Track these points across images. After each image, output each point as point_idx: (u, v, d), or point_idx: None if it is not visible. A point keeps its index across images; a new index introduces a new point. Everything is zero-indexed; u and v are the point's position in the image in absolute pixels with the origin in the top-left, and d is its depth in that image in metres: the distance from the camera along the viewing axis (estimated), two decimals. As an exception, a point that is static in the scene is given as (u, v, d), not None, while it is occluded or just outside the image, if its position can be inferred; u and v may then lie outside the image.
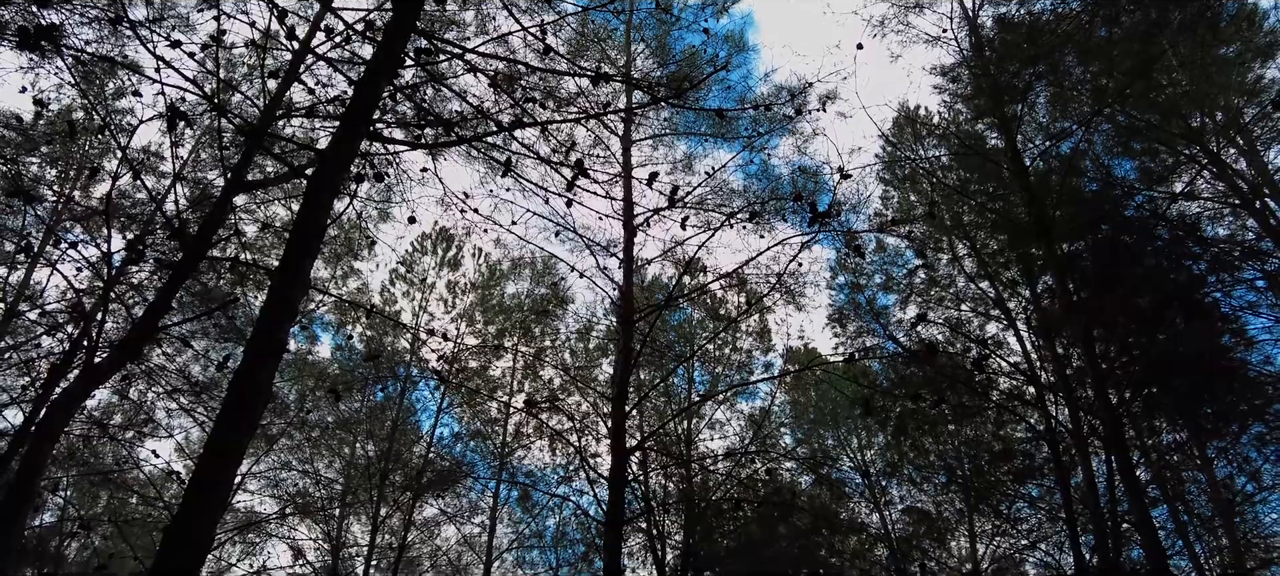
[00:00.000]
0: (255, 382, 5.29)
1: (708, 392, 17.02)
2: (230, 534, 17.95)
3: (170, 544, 4.88)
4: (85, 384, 9.31)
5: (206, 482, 5.04)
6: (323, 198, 6.21)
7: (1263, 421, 14.24)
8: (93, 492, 20.05)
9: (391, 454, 16.40)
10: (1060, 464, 13.45)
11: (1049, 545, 15.55)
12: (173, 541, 4.86)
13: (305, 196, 6.16)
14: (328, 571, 18.23)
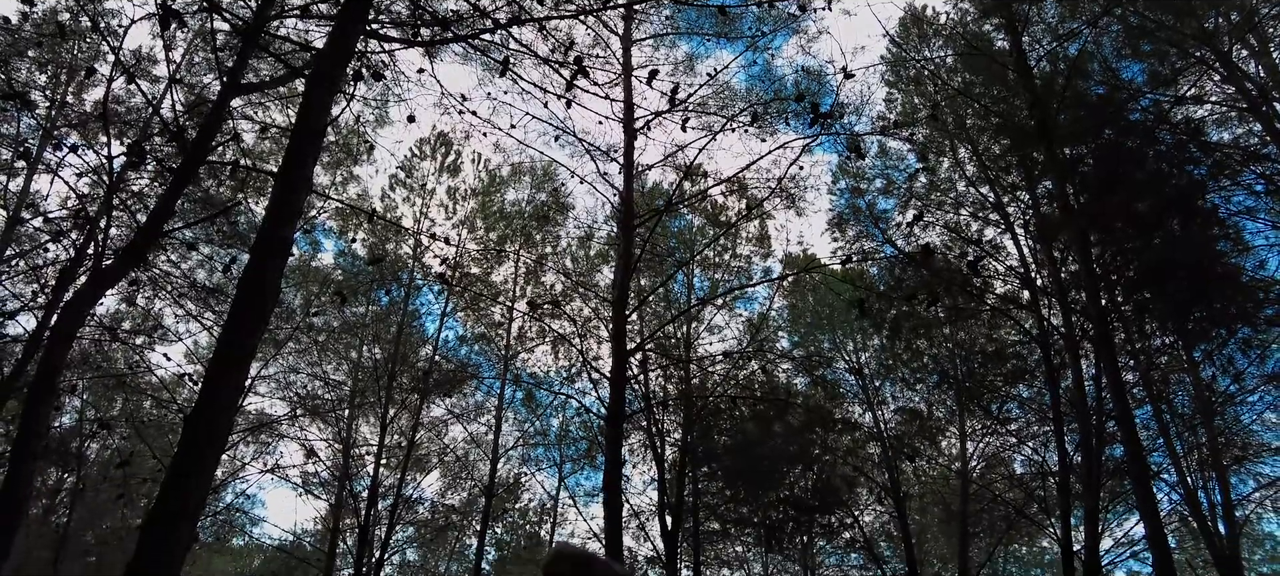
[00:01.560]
0: (263, 280, 5.44)
1: (707, 297, 17.26)
2: (242, 434, 18.55)
3: (191, 431, 5.13)
4: (94, 287, 9.47)
5: (222, 374, 5.26)
6: (321, 97, 6.22)
7: (1251, 326, 14.51)
8: (108, 396, 20.57)
9: (398, 356, 16.77)
10: (1051, 366, 13.79)
11: (1036, 444, 16.09)
12: (194, 429, 5.11)
13: (304, 96, 6.17)
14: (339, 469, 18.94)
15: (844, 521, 17.72)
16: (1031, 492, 16.30)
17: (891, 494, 17.48)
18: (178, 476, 4.99)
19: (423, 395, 16.88)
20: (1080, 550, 12.81)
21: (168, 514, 4.86)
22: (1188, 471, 17.09)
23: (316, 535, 24.78)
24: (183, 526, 4.92)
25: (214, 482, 6.54)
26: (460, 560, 25.98)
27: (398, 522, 17.69)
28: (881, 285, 14.97)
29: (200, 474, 5.02)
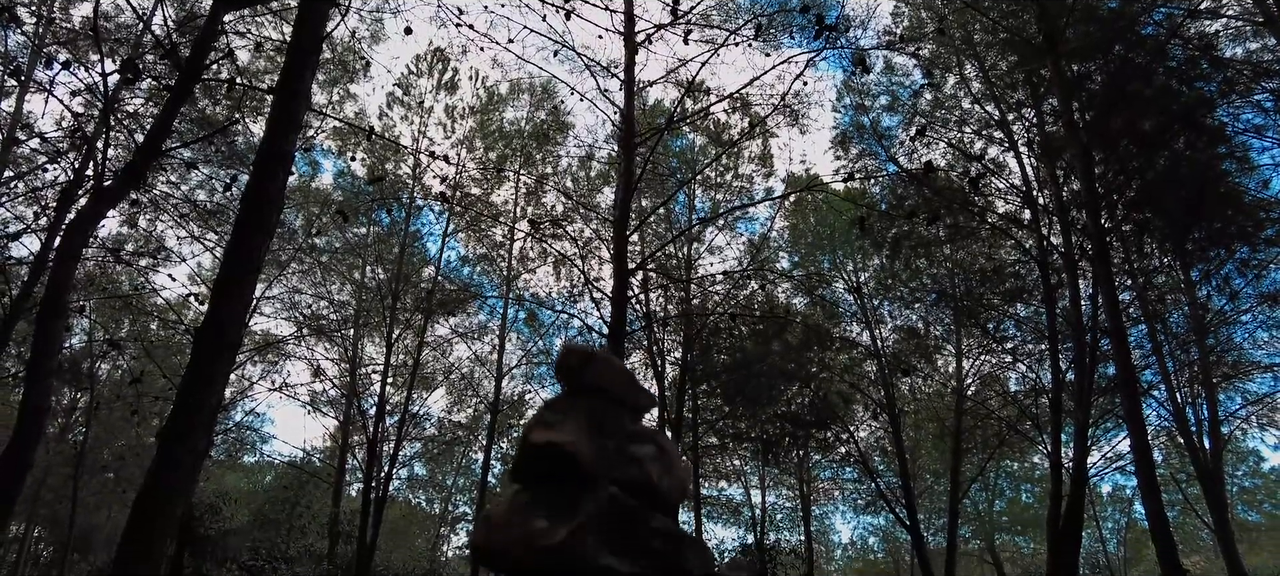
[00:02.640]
0: (267, 192, 5.48)
1: (708, 217, 17.24)
2: (249, 354, 18.85)
3: (202, 343, 5.26)
4: (96, 206, 9.48)
5: (230, 286, 5.36)
6: (317, 7, 6.12)
7: (1250, 245, 14.54)
8: (115, 317, 20.79)
9: (400, 276, 16.89)
10: (1048, 285, 13.90)
11: (1030, 362, 16.36)
12: (205, 340, 5.24)
13: (299, 7, 6.07)
14: (346, 388, 19.32)
15: (839, 437, 18.17)
16: (1025, 409, 16.66)
17: (887, 410, 17.86)
18: (191, 387, 5.15)
19: (426, 315, 17.07)
20: (1069, 464, 13.18)
21: (183, 424, 5.03)
22: (1177, 389, 17.44)
23: (326, 451, 25.47)
24: (198, 435, 5.11)
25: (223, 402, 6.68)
26: (467, 474, 26.81)
27: (405, 438, 18.14)
28: (883, 204, 14.95)
29: (212, 384, 5.17)
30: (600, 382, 2.30)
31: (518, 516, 2.07)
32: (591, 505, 2.00)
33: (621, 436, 2.20)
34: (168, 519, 4.79)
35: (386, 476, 15.85)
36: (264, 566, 16.17)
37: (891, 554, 30.89)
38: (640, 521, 2.08)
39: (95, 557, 22.41)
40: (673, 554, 2.08)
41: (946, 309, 17.27)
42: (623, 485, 2.09)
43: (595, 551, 1.96)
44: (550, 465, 2.10)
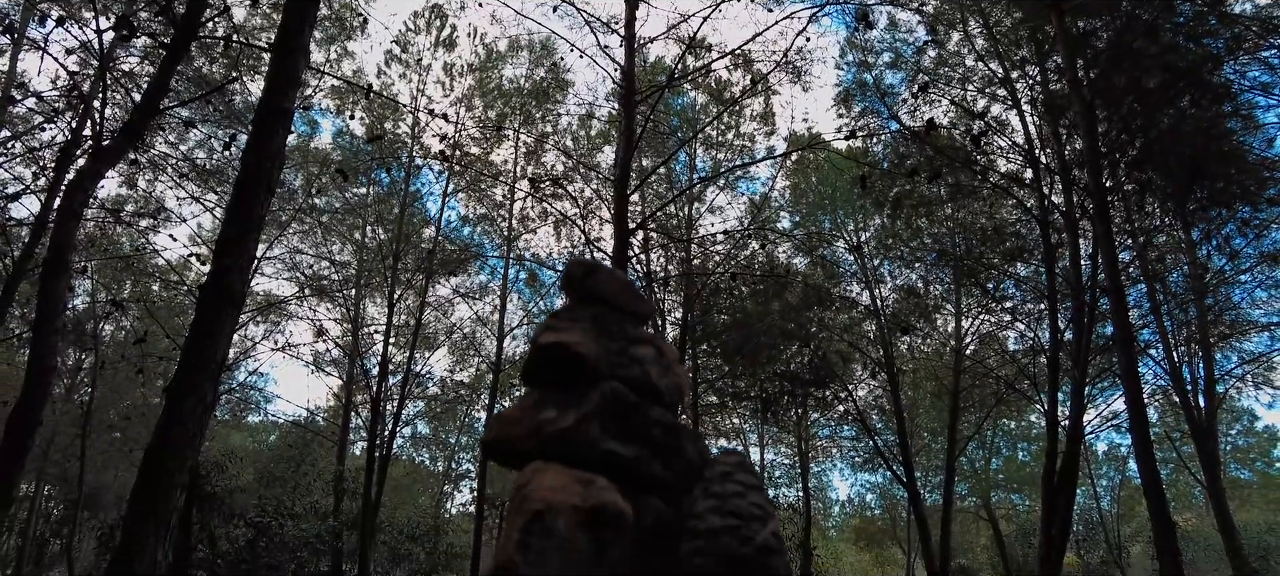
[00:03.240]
0: (267, 149, 5.48)
1: (709, 176, 17.18)
2: (252, 314, 18.93)
3: (208, 297, 5.31)
4: (96, 165, 9.48)
5: (234, 242, 5.39)
6: (314, -39, 6.05)
7: (1252, 205, 14.52)
8: (117, 279, 20.85)
9: (401, 236, 16.89)
10: (1048, 245, 13.91)
11: (1029, 321, 16.45)
12: (211, 295, 5.29)
13: (296, -39, 6.00)
14: (349, 348, 19.44)
15: (838, 395, 18.33)
16: (1023, 368, 16.79)
17: (886, 369, 18.00)
18: (196, 342, 5.21)
19: (428, 275, 17.11)
20: (1065, 422, 13.32)
21: (190, 378, 5.09)
22: (1174, 348, 17.56)
23: (329, 411, 25.74)
24: (205, 389, 5.17)
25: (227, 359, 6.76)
26: (470, 432, 27.09)
27: (408, 397, 18.31)
28: (885, 163, 14.89)
29: (217, 339, 5.23)
30: (603, 292, 2.46)
31: (527, 411, 2.22)
32: (596, 398, 2.16)
33: (623, 340, 2.36)
34: (177, 472, 4.87)
35: (390, 434, 16.04)
36: (271, 523, 16.43)
37: (888, 510, 31.37)
38: (641, 413, 2.23)
39: (105, 515, 22.75)
40: (671, 441, 2.26)
41: (946, 268, 17.31)
42: (624, 382, 2.25)
43: (599, 437, 2.12)
44: (557, 366, 2.26)
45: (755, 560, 2.00)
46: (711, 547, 2.01)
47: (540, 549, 1.88)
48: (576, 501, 1.98)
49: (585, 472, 2.07)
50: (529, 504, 1.96)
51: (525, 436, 2.18)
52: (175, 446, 4.87)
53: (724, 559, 1.98)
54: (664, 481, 2.25)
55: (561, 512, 1.95)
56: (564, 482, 2.01)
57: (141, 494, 4.77)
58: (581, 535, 1.95)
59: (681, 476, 2.28)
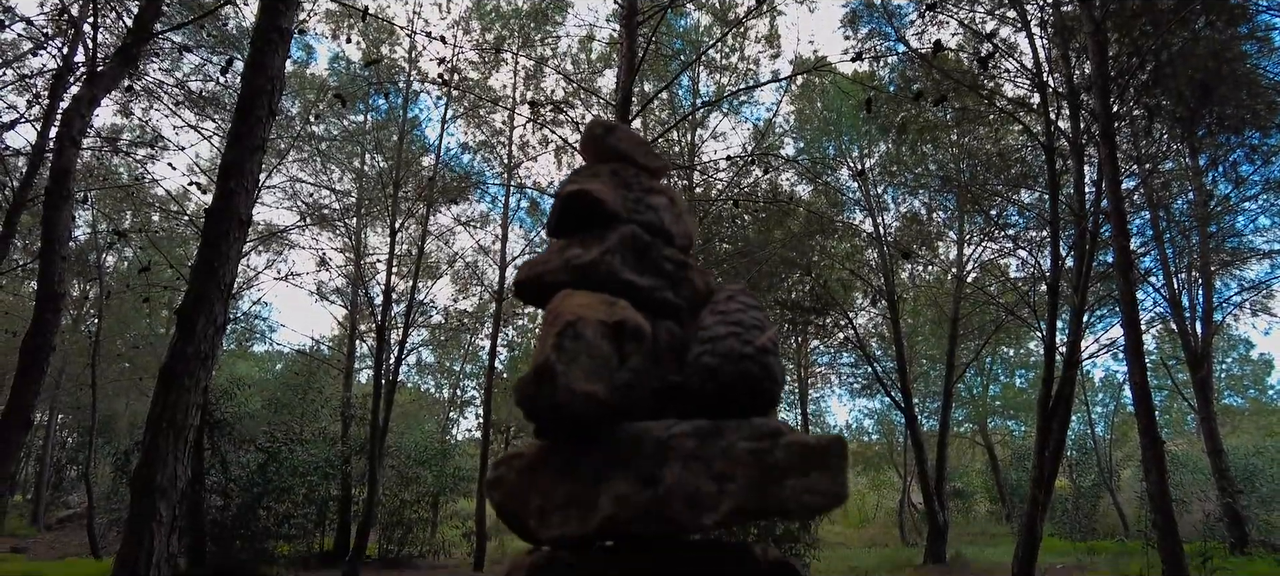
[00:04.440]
0: (267, 69, 5.42)
1: (713, 100, 16.91)
2: (254, 243, 18.96)
3: (215, 220, 5.33)
4: (91, 90, 9.37)
5: (237, 163, 5.38)
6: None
7: (1261, 131, 14.36)
8: (117, 209, 20.82)
9: (401, 163, 16.77)
10: (1053, 171, 13.82)
11: (1031, 248, 16.47)
12: (217, 218, 5.31)
13: (288, -128, 5.80)
14: (352, 277, 19.53)
15: (838, 323, 18.48)
16: (1023, 296, 16.88)
17: (886, 296, 18.11)
18: (205, 263, 5.25)
19: (428, 203, 17.04)
20: (1063, 349, 13.47)
21: (200, 298, 5.15)
22: (1175, 276, 17.64)
23: (335, 339, 26.02)
24: (215, 308, 5.24)
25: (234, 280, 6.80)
26: (474, 360, 27.44)
27: (412, 326, 18.47)
28: (891, 87, 14.67)
29: (225, 259, 5.27)
30: (621, 148, 2.75)
31: (555, 253, 2.56)
32: (615, 237, 2.48)
33: (640, 190, 2.67)
34: (192, 390, 4.98)
35: (396, 361, 16.26)
36: (280, 448, 16.79)
37: (886, 435, 31.99)
38: (655, 250, 2.57)
39: (118, 443, 23.27)
40: (681, 274, 2.59)
41: (950, 195, 17.23)
42: (641, 225, 2.57)
43: (619, 268, 2.45)
44: (580, 216, 2.57)
45: (754, 358, 2.25)
46: (716, 349, 2.27)
47: (572, 352, 2.16)
48: (602, 316, 2.27)
49: (608, 296, 2.39)
50: (561, 317, 2.24)
51: (554, 271, 2.50)
52: (190, 364, 4.96)
53: (726, 356, 2.24)
54: (676, 306, 2.55)
55: (589, 324, 2.23)
56: (591, 302, 2.32)
57: (160, 410, 4.88)
58: (606, 344, 2.24)
59: (691, 303, 2.57)
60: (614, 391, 2.20)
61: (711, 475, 2.05)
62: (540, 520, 2.24)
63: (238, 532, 15.34)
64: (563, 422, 2.21)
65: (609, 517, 2.09)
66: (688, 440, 2.11)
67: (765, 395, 2.25)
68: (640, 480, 2.11)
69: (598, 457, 2.19)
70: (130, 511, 4.75)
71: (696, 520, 2.03)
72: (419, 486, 20.02)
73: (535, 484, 2.29)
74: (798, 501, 2.02)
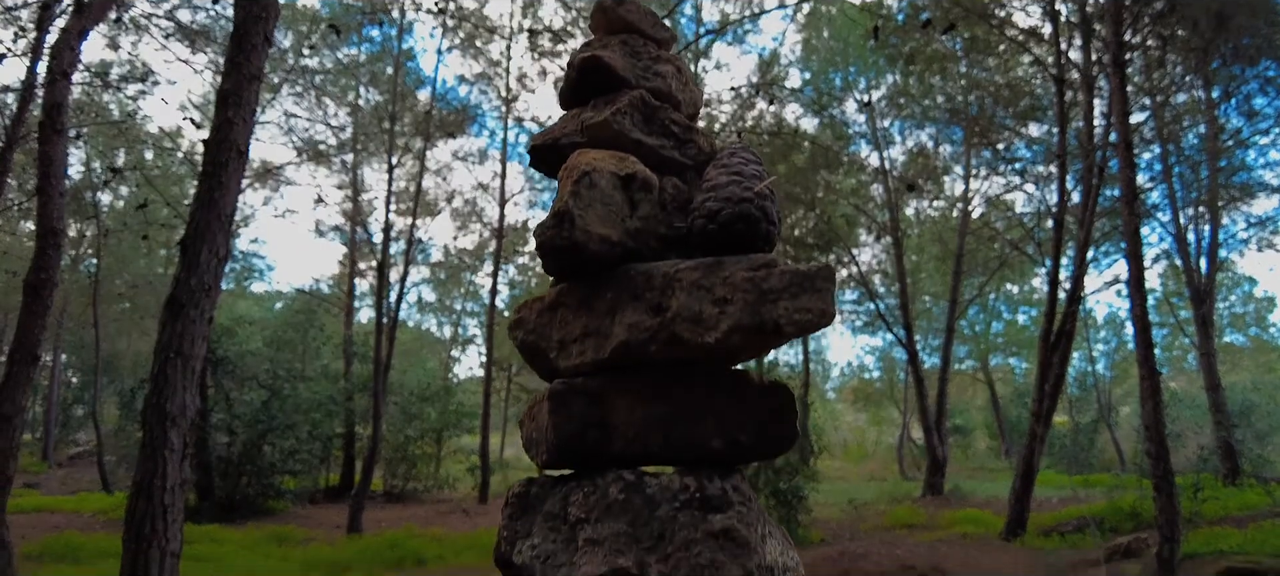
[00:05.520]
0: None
1: (717, 28, 16.51)
2: (250, 180, 18.73)
3: (214, 151, 5.20)
4: (80, 20, 9.12)
5: (235, 93, 5.23)
6: None
7: (1276, 60, 14.05)
8: (110, 147, 20.52)
9: (397, 96, 16.45)
10: (1062, 103, 13.59)
11: (1038, 183, 16.31)
12: (216, 148, 5.18)
13: None
14: (350, 214, 19.37)
15: (841, 260, 18.42)
16: (1029, 231, 16.79)
17: (891, 232, 18.00)
18: (206, 193, 5.14)
19: (425, 138, 16.77)
20: (1067, 285, 13.44)
21: (202, 227, 5.06)
22: (1181, 211, 17.51)
23: (335, 278, 25.99)
24: (218, 239, 5.16)
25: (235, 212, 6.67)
26: (475, 299, 27.49)
27: (412, 263, 18.40)
28: (901, 16, 14.29)
29: (226, 189, 5.16)
30: (630, 20, 2.91)
31: (570, 119, 2.78)
32: (625, 100, 2.67)
33: (648, 58, 2.85)
34: (199, 320, 4.93)
35: (397, 298, 16.24)
36: (283, 385, 16.89)
37: (887, 372, 32.27)
38: (663, 113, 2.76)
39: (122, 382, 23.44)
40: (687, 135, 2.80)
41: (957, 128, 16.98)
42: (649, 91, 2.76)
43: (629, 128, 2.64)
44: (592, 84, 2.78)
45: (752, 201, 2.42)
46: (718, 194, 2.44)
47: (588, 199, 2.38)
48: (614, 167, 2.48)
49: (620, 152, 2.59)
50: (578, 168, 2.43)
51: (569, 133, 2.73)
52: (195, 294, 4.90)
53: (727, 200, 2.42)
54: (682, 165, 2.77)
55: (603, 174, 2.44)
56: (603, 155, 2.52)
57: (167, 339, 4.84)
58: (618, 193, 2.47)
59: (697, 162, 2.79)
60: (626, 235, 2.45)
61: (713, 299, 2.24)
62: (560, 351, 2.49)
63: (244, 468, 15.54)
64: (580, 264, 2.43)
65: (622, 343, 2.31)
66: (692, 272, 2.30)
67: (762, 234, 2.43)
68: (650, 309, 2.31)
69: (611, 294, 2.41)
70: (142, 439, 4.75)
71: (699, 338, 2.22)
72: (423, 422, 20.23)
73: (554, 321, 2.52)
74: (790, 320, 2.17)
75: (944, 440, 18.34)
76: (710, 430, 2.34)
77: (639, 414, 2.36)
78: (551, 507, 2.36)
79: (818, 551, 9.86)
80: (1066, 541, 11.44)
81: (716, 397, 2.37)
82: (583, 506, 2.25)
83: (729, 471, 2.31)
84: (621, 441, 2.35)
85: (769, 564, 2.15)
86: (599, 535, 2.17)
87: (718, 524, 2.11)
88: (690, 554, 2.07)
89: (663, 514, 2.15)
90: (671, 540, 2.10)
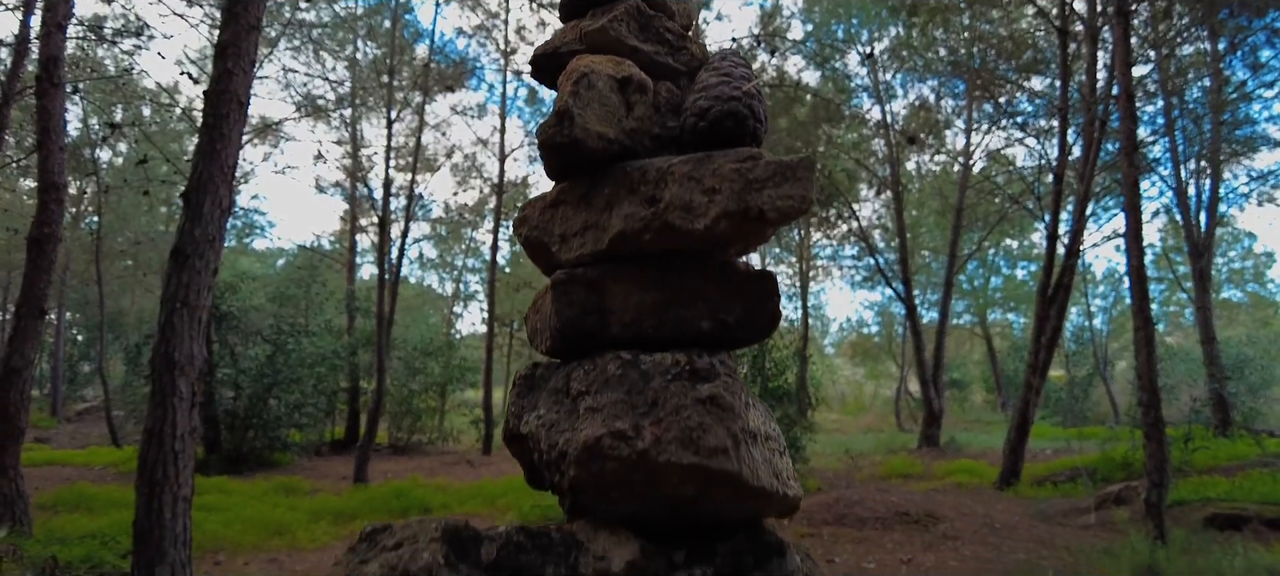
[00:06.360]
0: (259, -62, 5.18)
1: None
2: (249, 136, 18.63)
3: (214, 103, 5.22)
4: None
5: (233, 44, 5.23)
6: None
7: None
8: (107, 103, 20.38)
9: (395, 50, 16.29)
10: (1066, 56, 13.48)
11: (1040, 136, 16.23)
12: (216, 100, 5.20)
13: None
14: (350, 170, 19.33)
15: (841, 214, 18.43)
16: (1029, 185, 16.76)
17: (891, 186, 17.97)
18: (207, 144, 5.17)
19: (424, 92, 16.66)
20: (1066, 239, 13.47)
21: (205, 177, 5.11)
22: (1182, 165, 17.45)
23: (336, 234, 26.01)
24: (221, 190, 5.20)
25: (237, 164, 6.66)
26: (476, 255, 27.55)
27: (413, 220, 18.42)
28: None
29: (227, 140, 5.19)
30: None
31: (569, 30, 2.95)
32: (621, 7, 2.83)
33: None
34: (204, 271, 5.00)
35: (399, 253, 16.31)
36: (287, 340, 17.03)
37: (886, 327, 32.46)
38: (657, 21, 2.92)
39: (127, 338, 23.60)
40: (680, 43, 2.94)
41: (960, 81, 16.85)
42: (646, 2, 2.92)
43: (624, 34, 2.80)
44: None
45: (741, 99, 2.55)
46: (708, 93, 2.58)
47: (586, 99, 2.54)
48: (610, 70, 2.62)
49: (617, 56, 2.72)
50: (576, 71, 2.58)
51: (568, 42, 2.86)
52: (199, 245, 4.97)
53: (716, 99, 2.55)
54: (675, 70, 2.90)
55: (600, 76, 2.57)
56: (600, 59, 2.66)
57: (173, 290, 4.92)
58: (615, 94, 2.62)
59: (690, 68, 2.91)
60: (622, 134, 2.60)
61: (702, 189, 2.40)
62: (561, 245, 2.68)
63: (250, 422, 15.75)
64: (579, 161, 2.58)
65: (619, 233, 2.49)
66: (684, 166, 2.45)
67: (749, 131, 2.56)
68: (644, 201, 2.47)
69: (608, 190, 2.57)
70: (151, 388, 4.85)
71: (690, 225, 2.38)
72: (426, 377, 20.44)
73: (556, 217, 2.71)
74: (773, 206, 2.33)
75: (941, 393, 18.54)
76: (700, 313, 2.52)
77: (634, 300, 2.53)
78: (555, 384, 2.57)
79: (814, 498, 10.07)
80: (1059, 490, 11.67)
81: (706, 284, 2.56)
82: (583, 381, 2.44)
83: (716, 349, 2.49)
84: (618, 325, 2.52)
85: (752, 429, 2.33)
86: (598, 404, 2.35)
87: (705, 391, 2.29)
88: (680, 417, 2.24)
89: (656, 385, 2.33)
90: (664, 406, 2.27)
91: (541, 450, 2.47)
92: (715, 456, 2.19)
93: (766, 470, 2.31)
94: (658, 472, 2.21)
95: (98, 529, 7.71)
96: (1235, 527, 8.25)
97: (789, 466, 2.49)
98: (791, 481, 2.45)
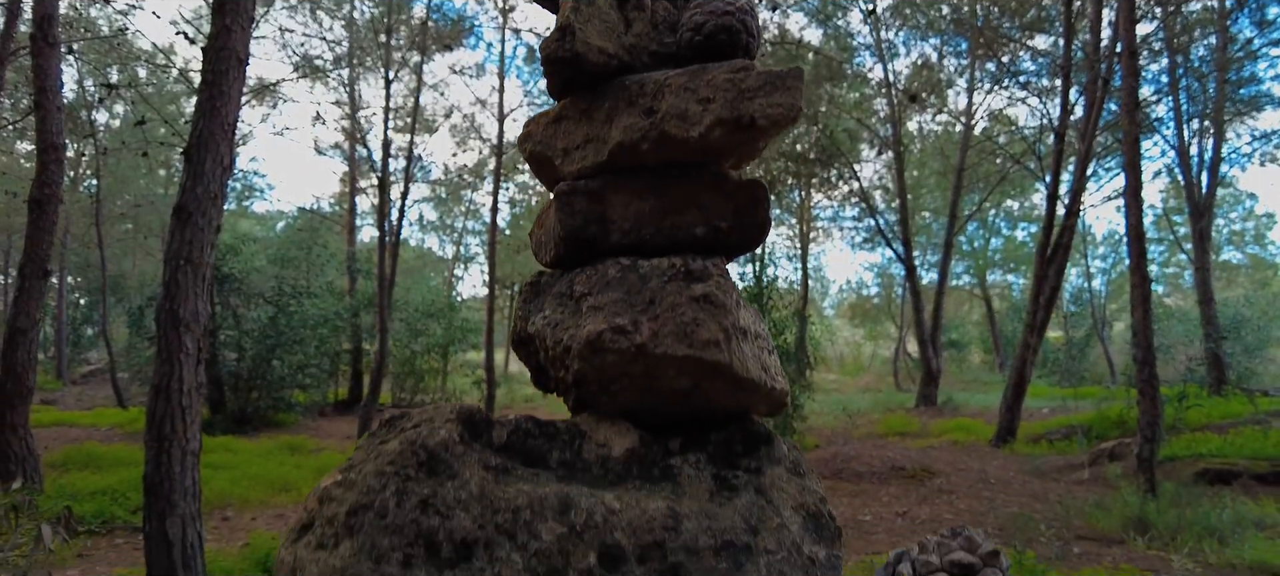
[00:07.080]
0: (253, -108, 5.12)
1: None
2: (247, 98, 18.51)
3: (212, 59, 5.20)
4: (65, -73, 8.90)
5: (231, 1, 5.19)
6: None
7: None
8: (102, 65, 20.19)
9: (393, 7, 16.08)
10: (1070, 12, 13.35)
11: (1042, 96, 16.12)
12: (214, 56, 5.18)
13: None
14: (349, 131, 19.22)
15: (842, 175, 18.37)
16: (1031, 145, 16.69)
17: (893, 146, 17.88)
18: (207, 101, 5.17)
19: (422, 51, 16.51)
20: (1066, 199, 13.46)
21: (206, 135, 5.12)
22: (1185, 124, 17.35)
23: (336, 196, 25.95)
24: (222, 147, 5.21)
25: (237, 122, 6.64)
26: (476, 217, 27.52)
27: (412, 181, 18.37)
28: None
29: (227, 97, 5.19)
30: None
31: None
32: None
33: None
34: (206, 228, 5.03)
35: (399, 215, 16.30)
36: (289, 302, 17.10)
37: (885, 288, 32.53)
38: None
39: (130, 301, 23.68)
40: None
41: (963, 39, 16.68)
42: None
43: None
44: None
45: (734, 14, 2.63)
46: (703, 9, 2.68)
47: (587, 14, 2.65)
48: None
49: None
50: None
51: None
52: (201, 202, 5.00)
53: (711, 13, 2.64)
54: None
55: None
56: None
57: (177, 247, 4.95)
58: (613, 10, 2.75)
59: None
60: (621, 49, 2.72)
61: (697, 99, 2.51)
62: (564, 158, 2.80)
63: (254, 382, 15.89)
64: (580, 75, 2.69)
65: (619, 144, 2.61)
66: (680, 77, 2.56)
67: (742, 44, 2.66)
68: (643, 112, 2.59)
69: (608, 103, 2.69)
70: (158, 345, 4.91)
71: (685, 133, 2.51)
72: (428, 338, 20.56)
73: (558, 131, 2.83)
74: (764, 114, 2.45)
75: (939, 353, 18.67)
76: (695, 219, 2.67)
77: (633, 208, 2.68)
78: (560, 288, 2.71)
79: (812, 454, 10.22)
80: (1054, 448, 11.84)
81: (701, 192, 2.68)
82: (586, 284, 2.59)
83: (710, 254, 2.65)
84: (618, 233, 2.68)
85: (743, 326, 2.47)
86: (600, 303, 2.49)
87: (699, 290, 2.43)
88: (676, 314, 2.39)
89: (653, 285, 2.48)
90: (660, 304, 2.42)
91: (547, 348, 2.62)
92: (708, 348, 2.33)
93: (755, 364, 2.46)
94: (655, 364, 2.37)
95: (107, 486, 7.85)
96: (1225, 482, 8.40)
97: (777, 363, 2.63)
98: (779, 376, 2.60)
